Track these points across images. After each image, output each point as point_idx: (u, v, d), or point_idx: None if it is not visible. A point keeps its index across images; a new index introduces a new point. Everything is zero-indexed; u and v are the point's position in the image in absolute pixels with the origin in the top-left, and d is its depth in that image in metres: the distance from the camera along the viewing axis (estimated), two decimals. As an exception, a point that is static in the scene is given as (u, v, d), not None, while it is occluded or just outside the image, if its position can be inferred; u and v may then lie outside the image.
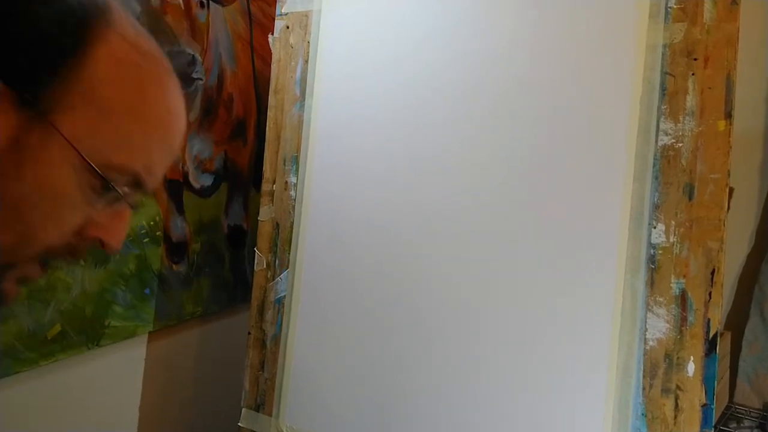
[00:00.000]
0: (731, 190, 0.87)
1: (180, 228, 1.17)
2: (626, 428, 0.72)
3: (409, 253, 0.88)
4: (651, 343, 0.72)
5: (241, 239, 1.29)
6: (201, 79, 1.16)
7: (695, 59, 0.73)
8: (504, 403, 0.79)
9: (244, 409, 1.03)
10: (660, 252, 0.73)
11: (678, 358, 0.71)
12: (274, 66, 1.06)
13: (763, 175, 1.07)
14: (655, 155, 0.74)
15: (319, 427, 0.94)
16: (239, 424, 1.02)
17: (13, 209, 0.46)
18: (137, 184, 0.51)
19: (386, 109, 0.93)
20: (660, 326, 0.72)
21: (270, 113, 1.06)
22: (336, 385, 0.93)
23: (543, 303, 0.78)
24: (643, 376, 0.72)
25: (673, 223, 0.72)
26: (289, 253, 1.00)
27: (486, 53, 0.86)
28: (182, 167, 1.16)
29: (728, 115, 0.71)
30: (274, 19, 1.07)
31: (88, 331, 1.01)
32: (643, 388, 0.72)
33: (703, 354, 0.70)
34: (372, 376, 0.90)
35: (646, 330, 0.73)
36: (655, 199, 0.73)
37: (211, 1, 1.17)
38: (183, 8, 1.11)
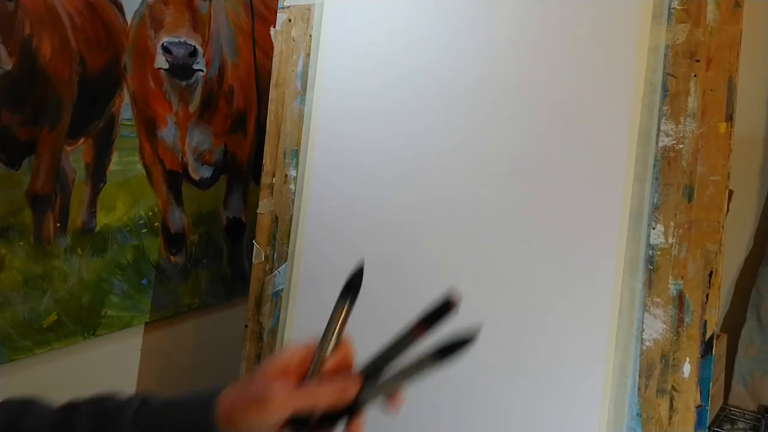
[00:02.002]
0: (731, 192, 0.87)
1: (178, 219, 1.16)
2: (621, 428, 0.72)
3: (408, 249, 0.88)
4: (647, 343, 0.72)
5: (240, 232, 1.29)
6: (202, 71, 1.16)
7: (697, 61, 0.73)
8: (500, 401, 0.79)
9: (239, 402, 1.03)
10: (658, 253, 0.73)
11: (674, 359, 0.71)
12: (275, 59, 1.06)
13: (763, 179, 1.07)
14: (655, 156, 0.74)
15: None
16: (234, 416, 1.02)
17: None
18: None
19: (387, 104, 0.93)
20: (657, 327, 0.72)
21: (271, 106, 1.06)
22: (332, 379, 0.93)
23: (541, 302, 0.78)
24: (639, 377, 0.72)
25: (672, 224, 0.73)
26: (287, 247, 1.00)
27: (488, 51, 0.86)
28: (181, 159, 1.16)
29: (729, 118, 0.71)
30: (276, 12, 1.06)
31: (84, 321, 1.01)
32: (639, 389, 0.72)
33: (699, 355, 0.70)
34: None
35: (643, 330, 0.73)
36: (655, 200, 0.74)
37: (213, -7, 1.17)
38: (185, -1, 1.11)
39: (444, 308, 0.60)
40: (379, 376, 0.58)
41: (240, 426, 0.51)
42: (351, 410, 0.55)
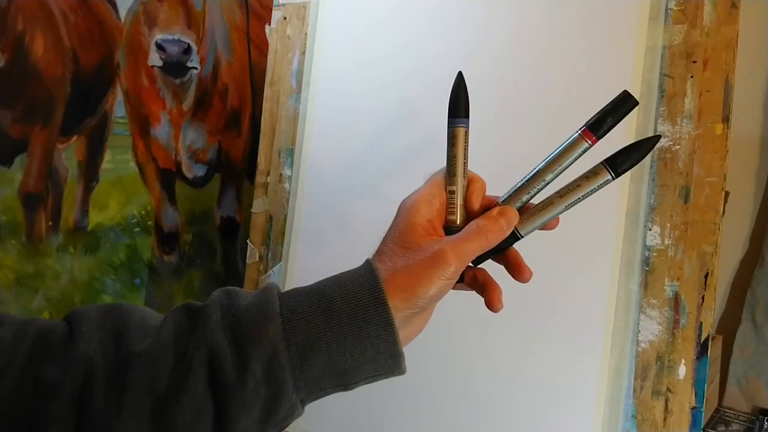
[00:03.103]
0: (727, 194, 0.86)
1: (172, 218, 1.16)
2: (616, 429, 0.72)
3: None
4: (643, 345, 0.72)
5: (234, 231, 1.29)
6: (196, 69, 1.15)
7: (694, 62, 0.73)
8: (495, 402, 0.79)
9: (232, 402, 1.02)
10: (655, 254, 0.73)
11: (669, 360, 0.71)
12: (270, 57, 1.05)
13: (759, 180, 1.07)
14: (652, 157, 0.74)
15: (312, 422, 0.93)
16: (227, 416, 1.02)
17: None
18: None
19: (383, 103, 0.93)
20: (652, 328, 0.72)
21: (265, 105, 1.05)
22: (326, 380, 0.93)
23: (537, 303, 0.78)
24: (634, 378, 0.72)
25: (668, 225, 0.72)
26: (282, 246, 1.00)
27: (484, 51, 0.85)
28: (175, 157, 1.15)
29: (726, 119, 0.71)
30: (271, 10, 1.06)
31: (76, 320, 1.01)
32: (634, 390, 0.72)
33: (695, 357, 0.70)
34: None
35: (638, 332, 0.72)
36: (651, 201, 0.73)
37: (208, -10, 1.16)
38: (180, -4, 1.10)
39: (620, 106, 0.48)
40: (533, 203, 0.51)
41: (422, 297, 0.45)
42: (506, 244, 0.50)
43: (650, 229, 0.73)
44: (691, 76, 0.73)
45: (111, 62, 1.03)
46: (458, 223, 0.51)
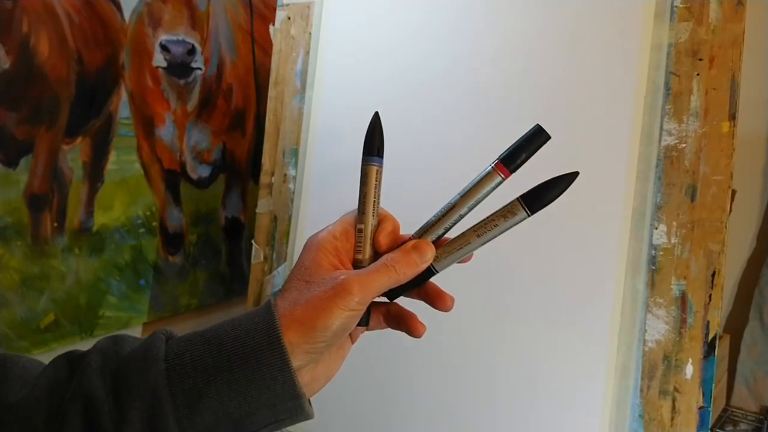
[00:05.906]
0: (734, 192, 0.86)
1: (176, 219, 1.16)
2: (623, 429, 0.72)
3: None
4: (650, 344, 0.72)
5: (239, 232, 1.29)
6: (200, 69, 1.16)
7: (700, 59, 0.72)
8: (501, 402, 0.79)
9: (238, 403, 1.02)
10: (661, 253, 0.72)
11: (677, 359, 0.70)
12: (274, 57, 1.05)
13: (766, 178, 1.07)
14: (658, 155, 0.73)
15: (314, 422, 0.93)
16: (233, 417, 1.02)
17: None
18: None
19: (388, 102, 0.92)
20: (659, 328, 0.72)
21: (270, 105, 1.05)
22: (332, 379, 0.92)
23: (543, 303, 0.78)
24: (641, 378, 0.72)
25: (674, 224, 0.72)
26: (287, 247, 1.00)
27: (488, 49, 0.85)
28: (180, 157, 1.15)
29: (732, 117, 0.71)
30: (275, 10, 1.06)
31: (81, 321, 1.01)
32: (641, 390, 0.72)
33: (702, 356, 0.69)
34: (368, 371, 0.89)
35: (645, 331, 0.72)
36: (657, 200, 0.73)
37: (212, -9, 1.16)
38: (184, -3, 1.10)
39: (533, 140, 0.50)
40: (448, 237, 0.50)
41: (322, 330, 0.42)
42: (420, 279, 0.50)
43: (656, 228, 0.73)
44: (697, 74, 0.72)
45: (115, 63, 1.03)
46: (365, 264, 0.50)
